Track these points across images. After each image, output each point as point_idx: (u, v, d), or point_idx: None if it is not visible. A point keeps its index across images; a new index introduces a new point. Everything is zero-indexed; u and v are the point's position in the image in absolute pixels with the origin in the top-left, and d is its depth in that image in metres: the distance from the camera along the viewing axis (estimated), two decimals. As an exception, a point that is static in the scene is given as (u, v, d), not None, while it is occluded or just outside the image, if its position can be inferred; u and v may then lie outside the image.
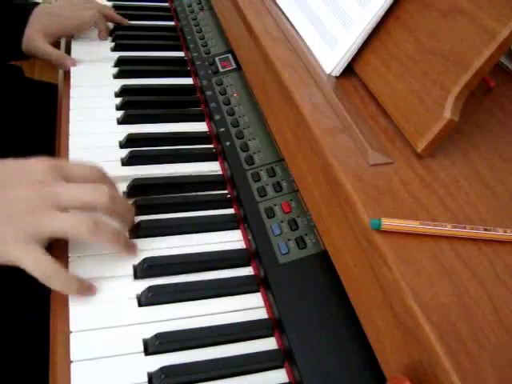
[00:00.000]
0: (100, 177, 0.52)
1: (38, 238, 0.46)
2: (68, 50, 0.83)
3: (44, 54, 0.77)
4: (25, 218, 0.45)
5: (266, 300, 0.53)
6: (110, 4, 0.96)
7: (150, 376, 0.45)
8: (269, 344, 0.49)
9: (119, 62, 0.82)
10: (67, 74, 0.78)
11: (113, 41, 0.87)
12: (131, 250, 0.53)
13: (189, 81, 0.82)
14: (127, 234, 0.56)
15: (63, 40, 0.87)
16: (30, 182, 0.47)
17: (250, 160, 0.64)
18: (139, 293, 0.51)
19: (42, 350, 0.48)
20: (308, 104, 0.53)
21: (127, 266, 0.53)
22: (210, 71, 0.79)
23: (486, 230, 0.41)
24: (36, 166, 0.49)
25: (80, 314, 0.48)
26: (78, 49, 0.84)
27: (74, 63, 0.78)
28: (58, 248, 0.53)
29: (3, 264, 0.45)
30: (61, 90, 0.76)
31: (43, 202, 0.46)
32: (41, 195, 0.46)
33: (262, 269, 0.54)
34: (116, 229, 0.51)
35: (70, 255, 0.53)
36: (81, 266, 0.52)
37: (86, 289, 0.49)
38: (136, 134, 0.69)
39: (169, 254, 0.55)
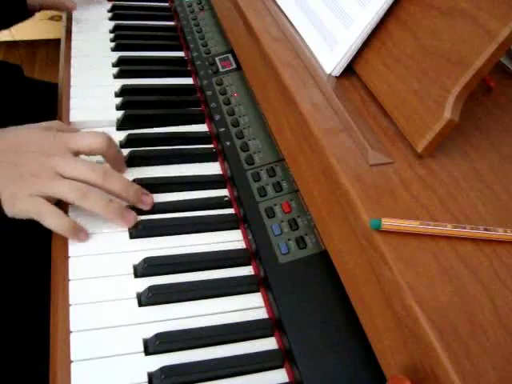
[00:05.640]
0: (104, 148, 0.58)
1: (45, 196, 0.52)
2: (69, 50, 0.83)
3: (47, 2, 0.89)
4: (31, 179, 0.52)
5: (266, 300, 0.53)
6: (109, 4, 0.96)
7: (150, 376, 0.45)
8: (269, 344, 0.49)
9: (119, 62, 0.82)
10: (67, 74, 0.78)
11: (113, 41, 0.87)
12: (127, 218, 0.56)
13: (189, 81, 0.82)
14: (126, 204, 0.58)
15: (63, 37, 0.87)
16: (39, 151, 0.54)
17: (250, 160, 0.64)
18: (139, 292, 0.51)
19: (42, 350, 0.48)
20: (308, 104, 0.53)
21: (128, 266, 0.53)
22: (210, 71, 0.79)
23: (486, 229, 0.41)
24: (46, 138, 0.56)
25: (80, 314, 0.48)
26: (78, 45, 0.84)
27: (74, 6, 0.90)
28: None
29: (21, 217, 0.52)
30: (61, 90, 0.76)
31: (47, 169, 0.53)
32: (46, 165, 0.54)
33: (262, 269, 0.54)
34: (107, 198, 0.55)
35: (69, 255, 0.53)
36: (81, 265, 0.52)
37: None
38: (136, 134, 0.69)
39: (169, 253, 0.55)
